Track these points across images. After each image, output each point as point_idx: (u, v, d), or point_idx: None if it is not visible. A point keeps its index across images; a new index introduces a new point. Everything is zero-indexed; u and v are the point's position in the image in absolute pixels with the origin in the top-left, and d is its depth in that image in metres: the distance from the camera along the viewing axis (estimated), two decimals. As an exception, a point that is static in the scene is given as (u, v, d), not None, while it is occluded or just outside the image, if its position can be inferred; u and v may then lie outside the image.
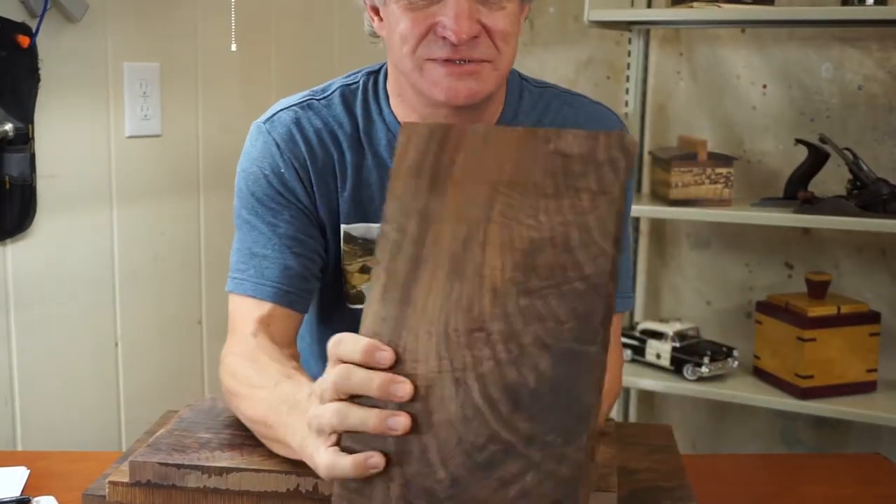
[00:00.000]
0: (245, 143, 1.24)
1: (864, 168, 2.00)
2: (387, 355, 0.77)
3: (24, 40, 1.68)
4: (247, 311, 1.16)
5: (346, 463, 0.77)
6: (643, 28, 2.31)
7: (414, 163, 0.84)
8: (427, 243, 0.81)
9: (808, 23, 2.15)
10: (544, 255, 0.77)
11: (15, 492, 1.07)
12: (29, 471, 1.13)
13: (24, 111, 1.70)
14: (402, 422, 0.76)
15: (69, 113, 1.81)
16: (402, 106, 1.20)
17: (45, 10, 1.71)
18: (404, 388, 0.76)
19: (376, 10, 1.15)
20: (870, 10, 1.93)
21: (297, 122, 1.22)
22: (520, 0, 1.11)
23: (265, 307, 1.16)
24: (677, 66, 2.36)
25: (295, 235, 1.19)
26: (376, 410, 0.77)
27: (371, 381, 0.76)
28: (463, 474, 0.76)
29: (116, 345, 1.96)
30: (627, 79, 2.34)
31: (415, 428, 0.77)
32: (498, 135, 0.83)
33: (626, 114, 2.32)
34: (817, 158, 2.07)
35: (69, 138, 1.82)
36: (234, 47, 1.76)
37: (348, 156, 1.22)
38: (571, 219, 0.77)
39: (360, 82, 1.24)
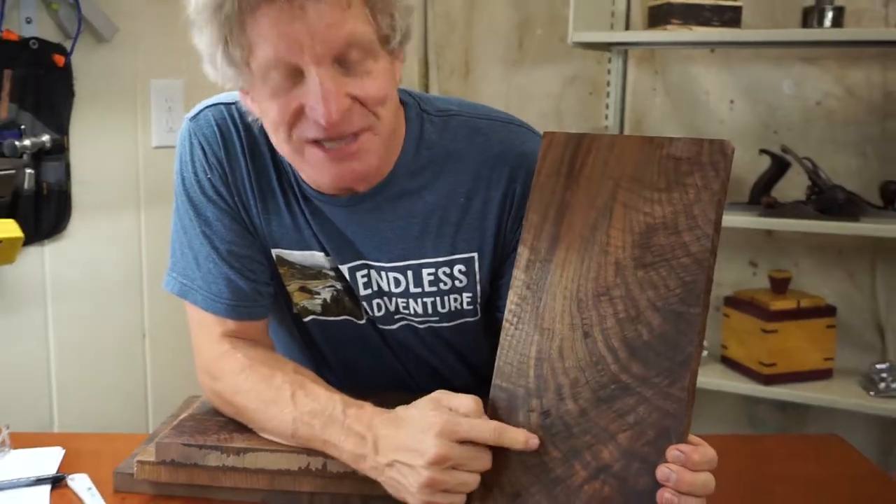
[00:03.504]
0: (178, 136, 1.10)
1: (822, 176, 2.01)
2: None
3: (59, 59, 1.68)
4: (212, 327, 1.08)
5: (443, 503, 0.86)
6: (622, 49, 2.31)
7: (553, 163, 0.94)
8: (563, 226, 0.91)
9: (772, 44, 2.15)
10: (657, 236, 0.86)
11: (52, 470, 1.07)
12: (64, 451, 1.13)
13: (59, 123, 1.70)
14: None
15: (101, 125, 1.81)
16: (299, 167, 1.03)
17: (78, 32, 1.71)
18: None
19: (246, 91, 0.99)
20: (827, 32, 1.93)
21: (223, 123, 1.07)
22: (388, 55, 0.95)
23: (226, 322, 1.07)
24: (653, 84, 2.36)
25: (231, 250, 1.07)
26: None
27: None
28: (589, 406, 0.85)
29: (144, 336, 1.96)
30: (608, 95, 2.34)
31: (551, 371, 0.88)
32: (621, 141, 0.92)
33: (607, 126, 2.33)
34: (779, 167, 2.07)
35: (101, 148, 1.82)
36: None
37: (265, 174, 1.07)
38: (680, 208, 0.86)
39: None
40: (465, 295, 1.11)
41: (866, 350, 2.20)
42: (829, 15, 1.93)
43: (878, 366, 2.01)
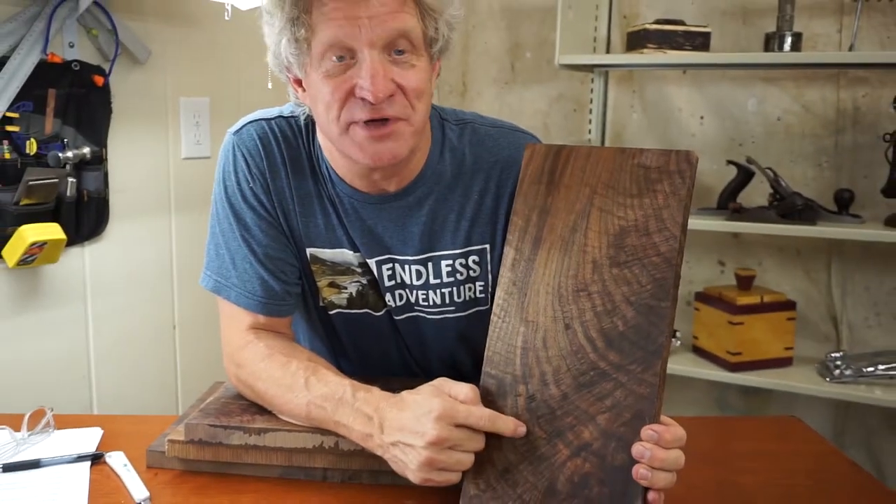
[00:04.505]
0: (221, 149, 1.11)
1: (783, 184, 2.01)
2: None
3: (99, 80, 1.68)
4: (239, 319, 1.08)
5: (440, 479, 0.86)
6: (603, 70, 2.32)
7: (535, 172, 0.95)
8: (545, 228, 0.92)
9: (737, 66, 2.16)
10: (630, 237, 0.87)
11: (91, 448, 1.07)
12: (102, 431, 1.13)
13: (98, 137, 1.70)
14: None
15: (135, 138, 1.81)
16: (336, 162, 1.07)
17: (116, 55, 1.72)
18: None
19: (299, 82, 1.01)
20: (787, 56, 1.93)
21: (265, 137, 1.08)
22: (429, 58, 0.98)
23: (256, 317, 1.08)
24: (631, 101, 2.37)
25: (267, 254, 1.08)
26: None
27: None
28: (570, 391, 0.86)
29: (174, 328, 1.96)
30: (590, 111, 2.34)
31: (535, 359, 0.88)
32: (597, 152, 0.93)
33: (590, 139, 2.33)
34: (745, 176, 2.07)
35: (136, 159, 1.82)
36: (269, 85, 1.75)
37: (304, 180, 1.09)
38: (650, 212, 0.86)
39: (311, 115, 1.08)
40: (478, 284, 1.12)
41: (822, 340, 2.20)
42: (789, 40, 1.93)
43: (833, 354, 2.02)
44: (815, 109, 2.17)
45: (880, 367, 1.97)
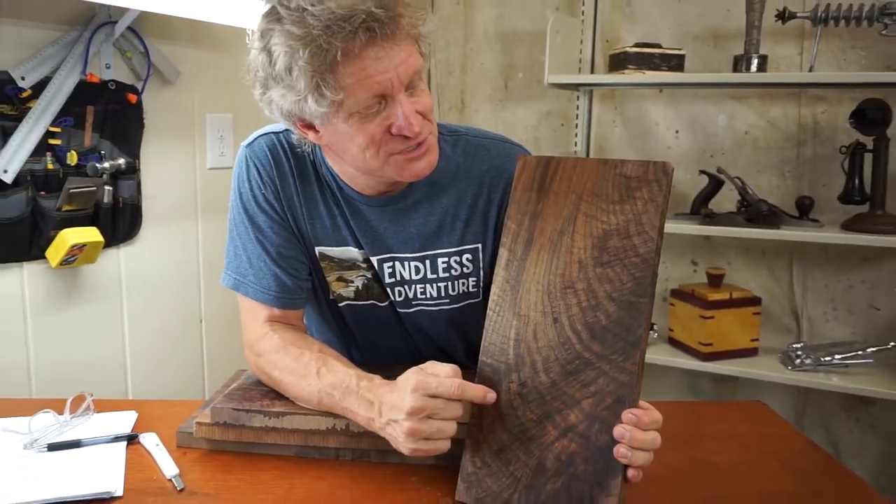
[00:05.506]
0: (235, 161, 1.11)
1: (750, 192, 2.01)
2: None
3: (132, 98, 1.69)
4: (257, 313, 1.09)
5: (427, 448, 0.86)
6: (588, 89, 2.32)
7: (527, 181, 0.94)
8: (536, 232, 0.92)
9: (709, 85, 2.16)
10: (612, 240, 0.87)
11: (127, 429, 1.07)
12: (137, 414, 1.13)
13: (132, 150, 1.71)
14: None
15: (166, 150, 1.82)
16: (351, 177, 1.06)
17: (148, 75, 1.72)
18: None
19: (311, 127, 0.98)
20: (753, 76, 1.93)
21: (274, 149, 1.08)
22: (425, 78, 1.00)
23: (271, 310, 1.09)
24: (613, 117, 2.37)
25: (280, 252, 1.08)
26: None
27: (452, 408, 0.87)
28: (558, 378, 0.86)
29: (201, 321, 1.97)
30: (576, 126, 2.34)
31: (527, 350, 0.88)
32: (582, 163, 0.93)
33: (576, 151, 2.33)
34: (715, 185, 2.07)
35: (166, 169, 1.82)
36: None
37: (310, 187, 1.09)
38: (631, 217, 0.86)
39: None
40: (471, 279, 1.12)
41: (785, 333, 2.20)
42: (755, 62, 1.94)
43: (795, 345, 2.02)
44: (778, 124, 2.17)
45: (837, 356, 1.98)
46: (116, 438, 1.04)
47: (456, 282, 1.12)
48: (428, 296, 1.12)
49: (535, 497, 0.84)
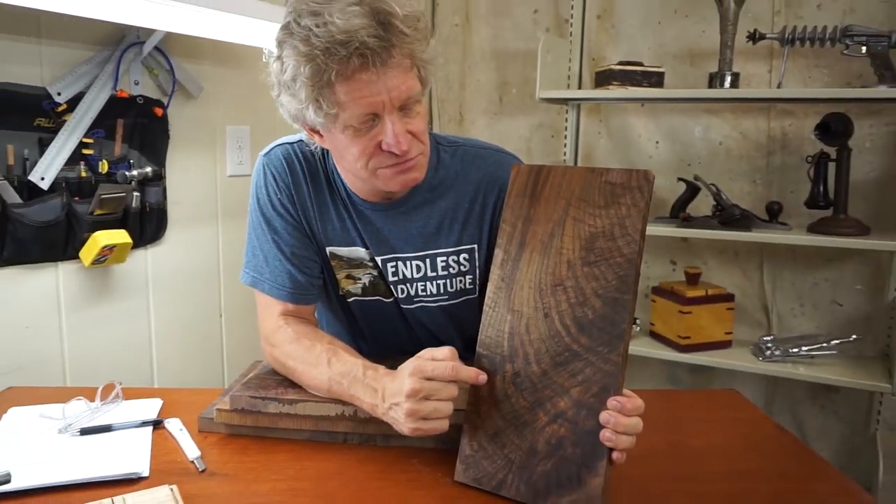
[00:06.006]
0: (254, 169, 1.13)
1: (724, 197, 2.01)
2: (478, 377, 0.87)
3: (159, 111, 1.69)
4: (272, 307, 1.09)
5: (426, 428, 0.86)
6: (576, 103, 2.32)
7: (520, 187, 0.94)
8: (528, 234, 0.91)
9: (686, 100, 2.16)
10: (598, 241, 0.86)
11: (153, 415, 1.08)
12: (162, 401, 1.13)
13: (159, 159, 1.71)
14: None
15: (189, 160, 1.82)
16: (353, 183, 1.08)
17: (173, 91, 1.72)
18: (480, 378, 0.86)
19: (316, 131, 1.00)
20: (726, 92, 1.93)
21: (289, 158, 1.09)
22: (423, 100, 0.99)
23: (285, 305, 1.09)
24: (598, 129, 2.37)
25: (294, 252, 1.09)
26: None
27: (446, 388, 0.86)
28: (549, 368, 0.85)
29: (220, 316, 1.96)
30: (565, 137, 2.34)
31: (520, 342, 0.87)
32: (571, 171, 0.92)
33: (564, 160, 2.33)
34: (692, 191, 2.07)
35: (189, 177, 1.82)
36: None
37: (321, 193, 1.10)
38: (615, 221, 0.86)
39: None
40: (467, 277, 1.12)
41: (756, 326, 2.20)
42: (728, 79, 1.94)
43: (765, 338, 2.02)
44: (750, 136, 2.17)
45: (803, 348, 1.98)
46: (143, 423, 1.04)
47: (454, 279, 1.12)
48: (428, 293, 1.12)
49: (527, 477, 0.84)
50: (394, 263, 1.11)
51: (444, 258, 1.11)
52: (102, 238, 1.51)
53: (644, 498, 0.87)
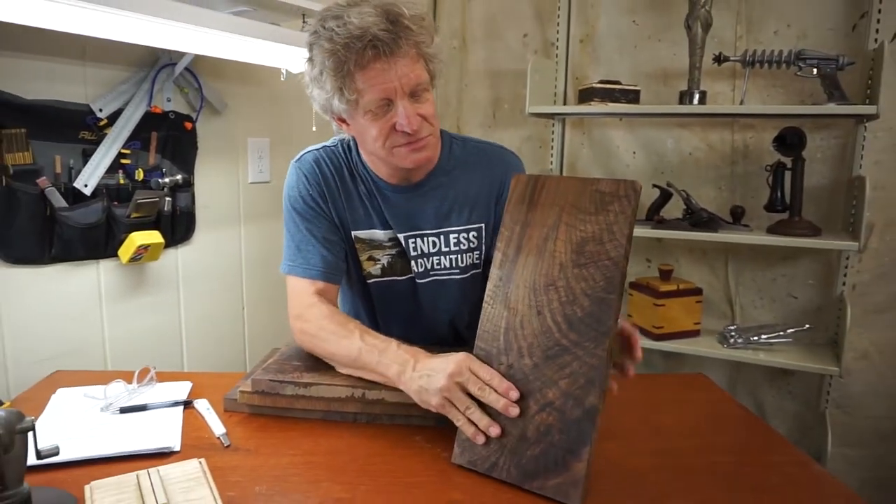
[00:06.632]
0: (286, 176, 1.17)
1: (693, 202, 2.01)
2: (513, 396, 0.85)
3: (188, 125, 1.68)
4: (304, 288, 1.10)
5: (450, 413, 0.87)
6: (561, 117, 2.32)
7: (519, 195, 0.93)
8: (525, 238, 0.90)
9: (659, 115, 2.16)
10: (588, 245, 0.85)
11: (183, 396, 1.08)
12: (191, 384, 1.13)
13: (188, 168, 1.71)
14: (494, 431, 0.85)
15: (215, 168, 1.82)
16: (377, 167, 1.13)
17: (201, 106, 1.72)
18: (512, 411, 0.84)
19: (343, 120, 1.06)
20: (695, 108, 1.94)
21: (317, 161, 1.14)
22: (433, 87, 1.05)
23: (316, 284, 1.10)
24: (581, 141, 2.37)
25: (325, 236, 1.12)
26: (477, 416, 0.86)
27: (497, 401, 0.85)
28: (540, 362, 0.84)
29: (243, 308, 1.97)
30: (552, 148, 2.34)
31: (514, 337, 0.86)
32: (565, 180, 0.91)
33: (551, 169, 2.33)
34: (665, 196, 2.08)
35: (215, 184, 1.82)
36: (314, 128, 1.76)
37: (346, 185, 1.14)
38: (604, 226, 0.85)
39: (347, 142, 1.16)
40: (475, 253, 1.17)
41: (721, 317, 2.21)
42: (696, 96, 1.94)
43: (730, 327, 2.02)
44: (716, 147, 2.17)
45: (763, 336, 1.98)
46: (175, 403, 1.05)
47: (464, 255, 1.16)
48: (442, 266, 1.16)
49: (517, 461, 0.83)
50: (414, 239, 1.15)
51: (457, 235, 1.15)
52: (138, 238, 1.52)
53: (621, 472, 0.88)
